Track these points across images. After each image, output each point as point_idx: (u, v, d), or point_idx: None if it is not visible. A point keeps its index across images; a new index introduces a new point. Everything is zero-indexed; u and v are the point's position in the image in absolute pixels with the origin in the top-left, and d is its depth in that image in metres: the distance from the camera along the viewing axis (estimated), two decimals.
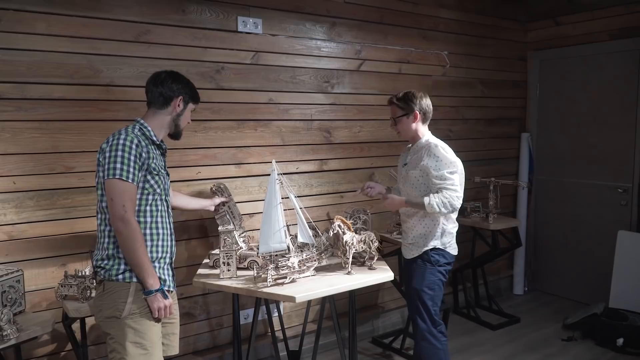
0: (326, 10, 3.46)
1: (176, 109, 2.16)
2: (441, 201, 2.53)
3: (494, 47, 4.49)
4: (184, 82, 2.19)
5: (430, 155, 2.60)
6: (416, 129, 2.72)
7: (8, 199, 2.51)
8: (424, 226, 2.71)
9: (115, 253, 1.99)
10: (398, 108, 2.72)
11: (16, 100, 2.49)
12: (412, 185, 2.69)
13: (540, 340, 3.82)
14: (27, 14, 2.47)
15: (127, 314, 1.96)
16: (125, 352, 1.95)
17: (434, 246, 2.69)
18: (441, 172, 2.55)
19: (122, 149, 1.92)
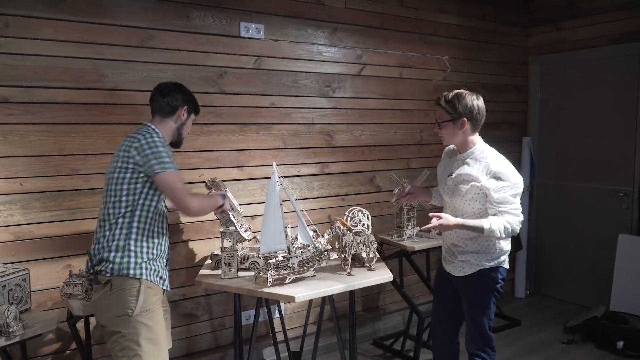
0: (327, 16, 3.51)
1: (180, 117, 2.30)
2: (503, 227, 2.26)
3: (495, 52, 4.53)
4: (187, 94, 2.35)
5: (491, 174, 2.29)
6: (464, 137, 2.38)
7: (15, 200, 2.57)
8: (479, 244, 2.42)
9: (127, 245, 2.05)
10: (444, 111, 2.37)
11: (23, 104, 2.55)
12: (463, 201, 2.40)
13: (541, 343, 3.83)
14: (34, 20, 2.54)
15: (139, 311, 2.00)
16: (140, 349, 2.00)
17: (491, 266, 2.42)
18: (504, 195, 2.27)
19: (162, 145, 2.10)
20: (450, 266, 2.55)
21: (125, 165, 2.09)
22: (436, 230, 2.69)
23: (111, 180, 2.11)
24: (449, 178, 2.45)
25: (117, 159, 2.13)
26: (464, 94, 2.35)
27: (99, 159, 2.76)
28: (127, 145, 2.11)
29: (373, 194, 3.87)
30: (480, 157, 2.36)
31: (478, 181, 2.30)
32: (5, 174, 2.53)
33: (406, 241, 3.48)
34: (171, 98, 2.26)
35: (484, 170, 2.31)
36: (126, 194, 2.08)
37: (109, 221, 2.10)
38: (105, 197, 2.14)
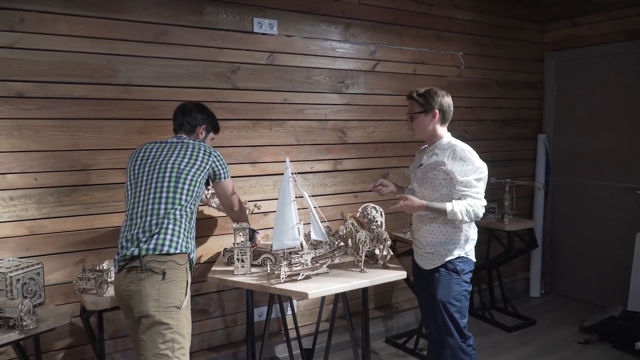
0: (341, 12, 3.49)
1: (199, 136, 2.50)
2: (465, 209, 2.36)
3: (510, 48, 4.47)
4: (207, 114, 2.54)
5: (456, 159, 2.42)
6: (433, 129, 2.53)
7: (30, 195, 2.58)
8: (445, 233, 2.52)
9: (188, 235, 2.22)
10: (417, 104, 2.53)
11: (38, 99, 2.56)
12: (431, 188, 2.51)
13: (557, 343, 3.78)
14: (49, 15, 2.55)
15: (186, 304, 2.08)
16: (185, 342, 2.06)
17: (457, 255, 2.51)
18: (467, 179, 2.38)
19: (219, 154, 2.41)
20: (420, 259, 2.65)
21: (204, 166, 2.32)
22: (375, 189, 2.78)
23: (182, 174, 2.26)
24: (419, 169, 2.60)
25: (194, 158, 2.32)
26: (435, 89, 2.53)
27: (113, 154, 2.76)
28: (207, 151, 2.37)
29: None
30: (447, 146, 2.51)
31: (444, 165, 2.42)
32: (20, 168, 2.55)
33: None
34: (191, 117, 2.46)
35: (449, 156, 2.44)
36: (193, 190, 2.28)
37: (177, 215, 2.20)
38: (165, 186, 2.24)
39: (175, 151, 2.32)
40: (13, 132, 2.52)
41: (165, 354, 2.01)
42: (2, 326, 2.05)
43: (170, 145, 2.36)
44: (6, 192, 2.53)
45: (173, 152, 2.32)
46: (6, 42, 2.46)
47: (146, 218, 2.16)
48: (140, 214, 2.18)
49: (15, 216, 2.55)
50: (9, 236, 2.54)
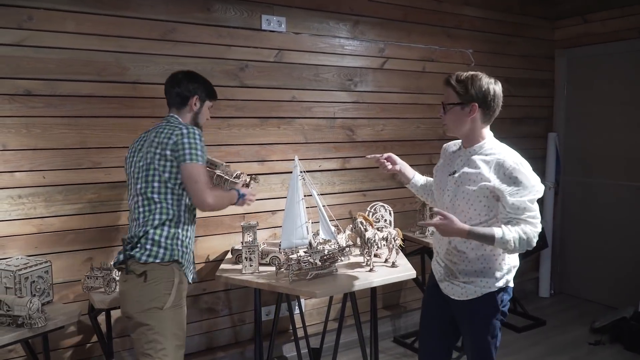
0: (350, 9, 3.46)
1: (193, 107, 2.26)
2: (519, 237, 1.84)
3: (520, 46, 4.42)
4: (199, 81, 2.28)
5: (507, 175, 1.88)
6: (472, 127, 1.99)
7: (38, 193, 2.58)
8: (483, 261, 1.99)
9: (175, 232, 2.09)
10: (453, 92, 1.98)
11: (46, 96, 2.56)
12: (467, 203, 1.96)
13: (567, 344, 3.73)
14: (57, 13, 2.54)
15: (170, 305, 2.01)
16: (166, 343, 1.99)
17: (499, 287, 2.00)
18: (521, 200, 1.85)
19: (200, 139, 2.09)
20: (448, 286, 2.09)
21: (165, 149, 2.07)
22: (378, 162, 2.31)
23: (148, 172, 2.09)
24: (451, 177, 2.03)
25: (153, 146, 2.09)
26: (480, 75, 1.99)
27: (121, 152, 2.75)
28: (168, 133, 2.09)
29: (395, 189, 3.81)
30: (490, 153, 1.97)
31: (488, 181, 1.89)
32: (28, 166, 2.54)
33: (429, 237, 3.42)
34: (181, 88, 2.24)
35: (496, 169, 1.91)
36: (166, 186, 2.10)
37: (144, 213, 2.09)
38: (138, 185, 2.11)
39: (146, 143, 2.15)
40: (21, 130, 2.52)
41: (148, 354, 2.01)
42: (10, 324, 2.05)
43: (147, 135, 2.20)
44: (15, 190, 2.52)
45: (144, 144, 2.16)
46: (14, 39, 2.46)
47: (132, 223, 2.15)
48: (130, 218, 2.19)
49: (23, 214, 2.55)
50: (18, 234, 2.54)
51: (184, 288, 2.13)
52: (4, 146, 2.48)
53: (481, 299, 1.99)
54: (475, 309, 2.02)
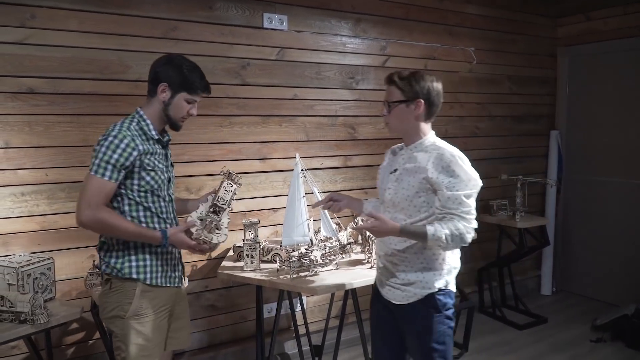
0: (351, 7, 3.46)
1: (160, 97, 1.94)
2: (451, 233, 1.82)
3: (522, 43, 4.42)
4: (176, 68, 1.93)
5: (444, 167, 1.86)
6: (415, 125, 1.97)
7: (41, 190, 2.59)
8: (423, 261, 1.96)
9: (124, 247, 1.91)
10: (398, 90, 1.95)
11: (49, 94, 2.57)
12: (405, 199, 1.93)
13: (568, 341, 3.73)
14: (60, 11, 2.55)
15: (132, 314, 1.89)
16: (127, 353, 1.89)
17: (439, 287, 1.96)
18: (457, 194, 1.84)
19: (108, 146, 1.81)
20: (389, 292, 2.03)
21: None
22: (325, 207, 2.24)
23: None
24: (392, 175, 2.01)
25: None
26: (422, 73, 1.98)
27: None
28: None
29: None
30: (431, 148, 1.95)
31: (427, 173, 1.87)
32: (31, 164, 2.56)
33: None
34: (151, 74, 1.96)
35: (434, 162, 1.88)
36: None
37: None
38: None
39: None
40: (24, 128, 2.53)
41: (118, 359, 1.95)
42: (13, 320, 2.06)
43: None
44: (17, 187, 2.54)
45: None
46: (17, 38, 2.47)
47: None
48: None
49: (26, 211, 2.57)
50: (21, 231, 2.56)
51: (154, 297, 1.94)
52: (7, 144, 2.50)
53: (422, 301, 1.95)
54: (416, 311, 1.97)
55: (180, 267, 2.11)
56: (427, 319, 1.96)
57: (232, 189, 2.10)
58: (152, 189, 1.92)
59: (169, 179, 2.02)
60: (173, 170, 2.11)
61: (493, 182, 4.27)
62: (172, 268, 2.03)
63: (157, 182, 1.94)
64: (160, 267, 1.97)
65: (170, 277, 2.02)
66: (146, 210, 1.93)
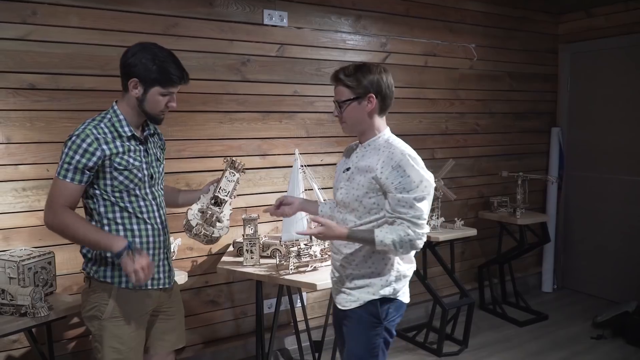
0: (352, 3, 3.47)
1: (132, 92, 1.83)
2: (400, 239, 1.73)
3: (523, 40, 4.41)
4: (146, 61, 1.80)
5: (394, 167, 1.75)
6: (370, 121, 1.86)
7: (41, 186, 2.61)
8: (371, 265, 1.87)
9: (101, 252, 1.84)
10: (346, 88, 1.82)
11: (50, 90, 2.59)
12: (356, 199, 1.84)
13: (569, 338, 3.73)
14: (61, 8, 2.57)
15: (108, 316, 1.84)
16: (102, 354, 1.86)
17: (383, 295, 1.86)
18: (407, 197, 1.74)
19: (72, 147, 1.75)
20: (340, 297, 1.95)
21: None
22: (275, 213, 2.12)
23: None
24: (344, 174, 1.92)
25: None
26: (368, 65, 1.84)
27: None
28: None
29: None
30: (383, 146, 1.84)
31: (377, 173, 1.78)
32: (32, 159, 2.58)
33: (430, 232, 3.44)
34: (121, 68, 1.84)
35: (384, 161, 1.77)
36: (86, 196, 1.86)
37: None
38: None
39: None
40: (25, 124, 2.55)
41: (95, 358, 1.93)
42: (14, 314, 2.08)
43: None
44: (19, 182, 2.56)
45: None
46: (19, 34, 2.49)
47: None
48: None
49: (27, 207, 2.58)
50: (22, 226, 2.57)
51: (131, 300, 1.88)
52: (8, 139, 2.52)
53: (363, 307, 1.87)
54: (354, 317, 1.89)
55: (167, 268, 1.99)
56: (365, 325, 1.87)
57: (235, 179, 2.05)
58: (127, 189, 1.84)
59: (150, 175, 1.92)
60: (161, 166, 2.01)
61: (493, 179, 4.28)
62: (156, 270, 1.93)
63: (133, 181, 1.85)
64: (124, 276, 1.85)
65: (153, 279, 1.92)
66: (123, 211, 1.85)
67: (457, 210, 4.06)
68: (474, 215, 4.22)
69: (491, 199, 4.15)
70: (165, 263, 1.98)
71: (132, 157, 1.84)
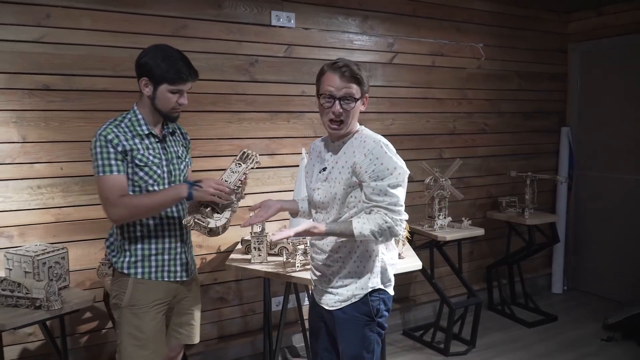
0: (359, 4, 3.50)
1: (144, 90, 1.94)
2: (379, 228, 1.74)
3: (532, 39, 4.41)
4: (153, 60, 1.91)
5: (367, 155, 1.77)
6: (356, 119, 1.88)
7: (56, 184, 2.68)
8: (356, 259, 1.87)
9: (120, 244, 2.00)
10: (358, 86, 1.81)
11: (63, 91, 2.66)
12: (336, 199, 1.84)
13: (578, 340, 3.71)
14: (74, 11, 2.64)
15: (126, 304, 1.97)
16: (121, 339, 1.99)
17: (372, 288, 1.87)
18: (380, 185, 1.74)
19: (99, 145, 1.88)
20: (324, 297, 1.93)
21: None
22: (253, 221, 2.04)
23: None
24: (321, 174, 1.92)
25: None
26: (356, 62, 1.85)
27: None
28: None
29: None
30: (359, 139, 1.84)
31: (352, 165, 1.79)
32: (47, 158, 2.65)
33: (437, 231, 3.45)
34: (137, 64, 1.95)
35: (359, 152, 1.79)
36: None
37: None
38: None
39: None
40: (40, 123, 2.62)
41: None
42: (29, 307, 2.15)
43: None
44: (34, 180, 2.63)
45: None
46: (33, 36, 2.57)
47: None
48: None
49: (42, 204, 2.66)
50: (37, 223, 2.65)
51: (147, 290, 1.99)
52: (24, 138, 2.59)
53: (352, 305, 1.87)
54: (346, 316, 1.88)
55: (184, 262, 2.08)
56: (357, 324, 1.88)
57: (240, 170, 2.03)
58: (145, 185, 1.95)
59: (169, 172, 2.02)
60: (182, 163, 2.10)
61: (502, 179, 4.28)
62: (172, 262, 2.04)
63: (152, 177, 1.96)
64: (154, 262, 2.00)
65: (169, 271, 2.03)
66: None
67: (465, 210, 4.07)
68: (482, 216, 4.22)
69: (499, 199, 4.15)
70: (182, 257, 2.07)
71: (151, 155, 1.96)
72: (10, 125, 2.56)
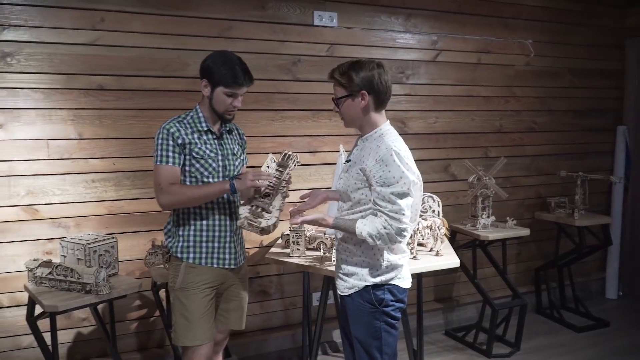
0: (402, 2, 3.50)
1: (203, 91, 2.13)
2: (377, 232, 1.83)
3: (585, 35, 4.24)
4: (213, 64, 2.08)
5: (377, 160, 1.85)
6: (366, 117, 1.95)
7: (109, 178, 2.85)
8: (361, 254, 1.97)
9: (175, 230, 2.16)
10: (340, 86, 1.94)
11: (116, 91, 2.82)
12: (351, 191, 1.96)
13: (629, 347, 3.55)
14: (126, 15, 2.80)
15: (178, 286, 2.13)
16: (175, 319, 2.16)
17: (375, 282, 1.95)
18: (385, 191, 1.82)
19: (161, 137, 2.06)
20: (338, 282, 2.07)
21: None
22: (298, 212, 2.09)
23: None
24: (345, 166, 2.06)
25: None
26: (362, 61, 1.92)
27: None
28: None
29: (448, 182, 3.80)
30: (377, 139, 1.93)
31: (364, 165, 1.88)
32: (100, 154, 2.82)
33: (480, 230, 3.40)
34: (199, 70, 2.14)
35: (372, 156, 1.87)
36: None
37: None
38: None
39: None
40: (95, 121, 2.80)
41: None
42: (80, 291, 2.30)
43: None
44: (89, 175, 2.81)
45: None
46: (89, 39, 2.74)
47: None
48: None
49: (96, 197, 2.83)
50: (91, 215, 2.83)
51: (198, 273, 2.12)
52: (80, 135, 2.77)
53: (358, 293, 1.96)
54: (353, 303, 1.99)
55: (233, 250, 2.19)
56: (362, 311, 1.97)
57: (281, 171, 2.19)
58: (201, 176, 2.11)
59: (224, 166, 2.17)
60: (237, 160, 2.25)
61: (552, 179, 4.14)
62: (222, 250, 2.17)
63: (207, 169, 2.13)
64: (205, 249, 2.15)
65: (218, 258, 2.16)
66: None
67: (513, 210, 3.98)
68: (530, 216, 4.10)
69: (548, 200, 4.02)
70: (231, 245, 2.20)
71: (208, 149, 2.12)
72: (68, 123, 2.74)
